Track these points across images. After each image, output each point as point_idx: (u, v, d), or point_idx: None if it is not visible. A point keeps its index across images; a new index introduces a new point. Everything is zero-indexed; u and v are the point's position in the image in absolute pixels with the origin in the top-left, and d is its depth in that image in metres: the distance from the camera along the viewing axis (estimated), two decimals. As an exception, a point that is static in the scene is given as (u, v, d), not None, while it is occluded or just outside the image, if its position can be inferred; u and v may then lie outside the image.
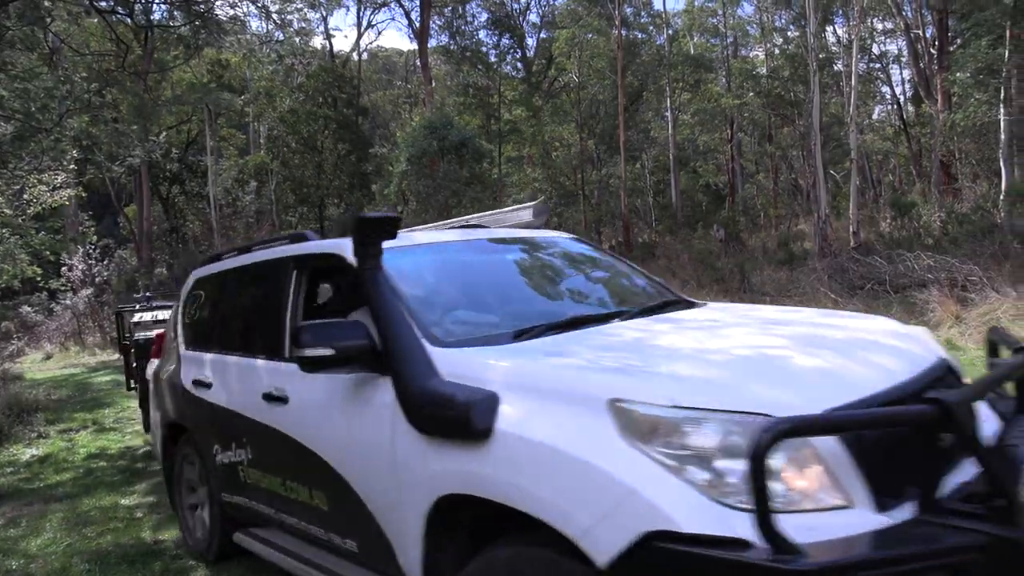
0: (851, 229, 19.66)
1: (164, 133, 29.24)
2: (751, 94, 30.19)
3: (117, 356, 18.13)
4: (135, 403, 11.60)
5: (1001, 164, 19.51)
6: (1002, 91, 19.07)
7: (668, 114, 31.38)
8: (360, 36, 37.38)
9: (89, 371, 15.92)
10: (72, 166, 21.20)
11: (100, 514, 5.99)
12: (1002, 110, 19.06)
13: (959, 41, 21.15)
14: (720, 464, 1.95)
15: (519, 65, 35.94)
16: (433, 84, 33.53)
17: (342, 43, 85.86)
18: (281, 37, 28.47)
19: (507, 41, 35.02)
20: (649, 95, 33.72)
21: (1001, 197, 18.62)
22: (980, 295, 12.38)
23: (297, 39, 27.81)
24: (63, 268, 21.90)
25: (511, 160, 35.57)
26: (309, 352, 2.87)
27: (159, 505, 6.11)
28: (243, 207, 30.70)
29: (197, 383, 4.47)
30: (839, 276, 16.30)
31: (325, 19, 32.92)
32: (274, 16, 19.28)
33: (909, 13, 25.37)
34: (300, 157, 31.54)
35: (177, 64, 28.13)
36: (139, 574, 4.69)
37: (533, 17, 35.72)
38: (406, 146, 25.29)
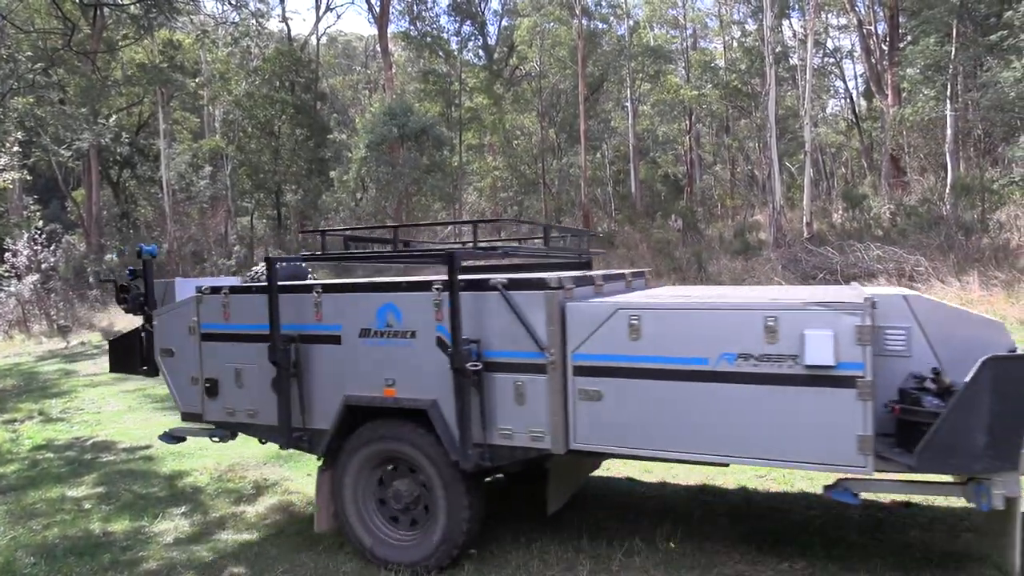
0: (805, 220, 20.08)
1: (114, 115, 28.39)
2: (709, 86, 30.56)
3: (65, 345, 17.63)
4: (84, 392, 11.32)
5: (947, 158, 20.12)
6: (949, 87, 19.62)
7: (628, 104, 31.56)
8: (319, 19, 36.78)
9: (36, 360, 15.46)
10: (16, 148, 20.53)
11: (47, 506, 5.84)
12: (949, 105, 19.62)
13: (909, 38, 21.69)
14: None
15: (480, 52, 35.78)
16: (393, 70, 33.13)
17: (300, 26, 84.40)
18: (236, 19, 27.91)
19: (468, 28, 34.83)
20: (610, 85, 33.87)
21: (947, 190, 19.20)
22: (926, 284, 12.80)
23: (253, 21, 27.30)
24: (7, 254, 21.20)
25: (472, 148, 35.41)
26: None
27: (108, 496, 5.99)
28: (197, 192, 30.01)
29: None
30: (792, 266, 16.66)
31: (282, 1, 32.26)
32: (229, -3, 18.86)
33: (862, 9, 25.92)
34: (256, 142, 30.94)
35: (127, 44, 27.32)
36: (87, 566, 4.58)
37: (495, 4, 35.60)
38: (366, 132, 25.02)
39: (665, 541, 4.29)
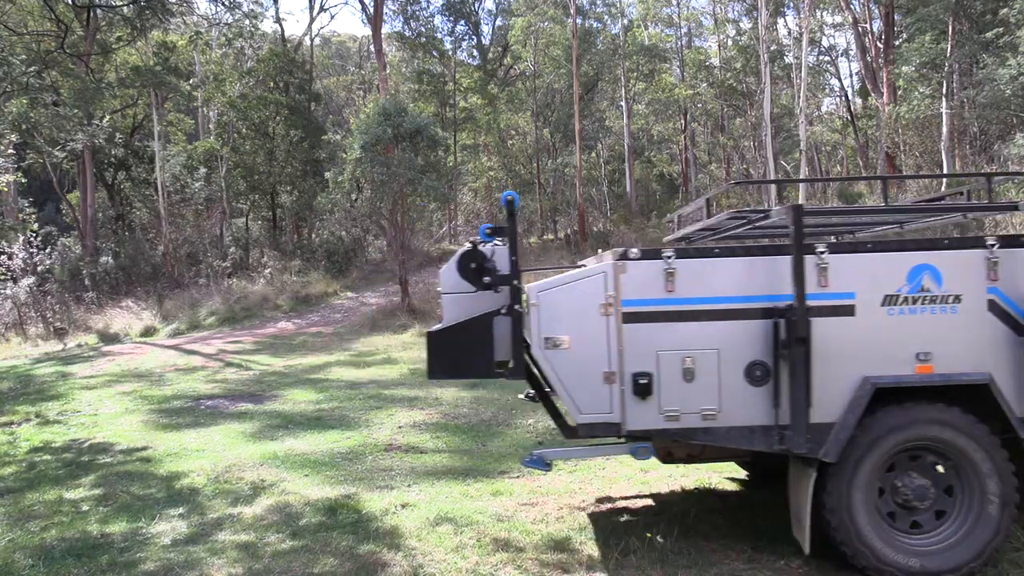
0: (800, 218, 20.10)
1: (108, 117, 28.33)
2: (704, 85, 30.61)
3: (62, 348, 17.56)
4: (81, 395, 11.26)
5: (943, 156, 20.15)
6: (944, 85, 19.66)
7: (623, 104, 31.57)
8: (312, 20, 36.75)
9: (32, 362, 15.41)
10: (10, 151, 20.46)
11: (44, 508, 5.83)
12: (944, 103, 19.66)
13: (904, 35, 21.74)
14: None
15: (475, 52, 35.77)
16: (387, 70, 33.07)
17: (294, 27, 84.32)
18: (230, 20, 27.88)
19: (462, 28, 34.83)
20: (604, 85, 33.88)
21: (942, 189, 19.24)
22: (921, 282, 12.81)
23: (247, 22, 27.27)
24: (2, 256, 21.14)
25: (466, 148, 35.40)
26: None
27: (106, 498, 5.98)
28: (192, 194, 29.93)
29: None
30: (788, 264, 16.68)
31: (276, 2, 32.20)
32: (223, -2, 18.83)
33: (857, 7, 25.96)
34: (251, 143, 30.88)
35: (121, 46, 27.26)
36: (85, 568, 4.57)
37: (489, 3, 35.63)
38: (360, 133, 24.94)
39: (660, 539, 4.30)
